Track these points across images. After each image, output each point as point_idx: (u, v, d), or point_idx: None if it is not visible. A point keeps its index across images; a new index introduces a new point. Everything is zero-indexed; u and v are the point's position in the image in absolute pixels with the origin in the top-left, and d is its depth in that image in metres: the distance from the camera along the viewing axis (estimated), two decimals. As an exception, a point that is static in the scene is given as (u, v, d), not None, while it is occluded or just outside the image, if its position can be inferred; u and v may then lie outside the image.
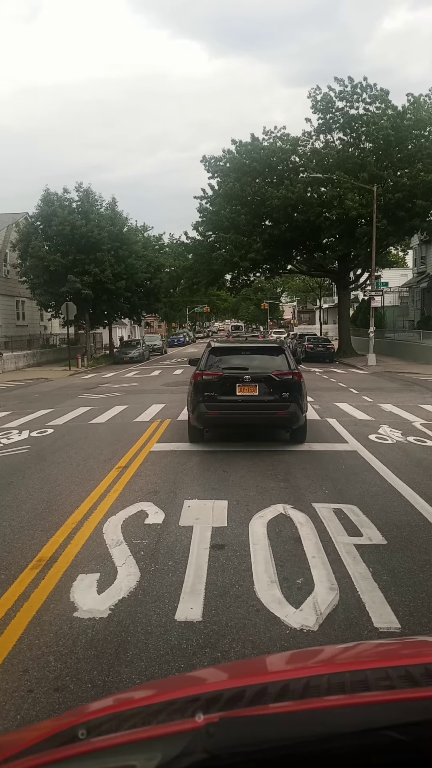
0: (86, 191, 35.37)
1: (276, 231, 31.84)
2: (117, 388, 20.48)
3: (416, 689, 1.02)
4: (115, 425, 12.26)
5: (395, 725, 0.88)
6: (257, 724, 0.91)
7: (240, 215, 32.10)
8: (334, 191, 29.40)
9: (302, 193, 30.54)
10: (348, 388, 18.77)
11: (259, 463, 8.46)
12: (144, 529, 5.74)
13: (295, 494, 6.81)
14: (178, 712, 1.02)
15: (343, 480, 7.49)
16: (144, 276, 37.89)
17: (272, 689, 1.08)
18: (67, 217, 33.34)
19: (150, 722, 1.01)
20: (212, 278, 36.51)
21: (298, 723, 0.93)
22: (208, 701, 1.05)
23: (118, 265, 34.58)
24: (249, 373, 9.39)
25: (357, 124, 31.21)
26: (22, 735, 1.25)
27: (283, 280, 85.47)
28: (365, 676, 1.10)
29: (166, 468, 8.25)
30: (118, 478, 7.65)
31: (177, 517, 6.04)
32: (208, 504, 6.46)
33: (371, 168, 28.94)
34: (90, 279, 33.13)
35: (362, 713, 0.91)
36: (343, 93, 31.45)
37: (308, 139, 32.79)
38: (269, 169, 32.32)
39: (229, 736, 0.89)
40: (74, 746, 0.97)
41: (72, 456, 9.26)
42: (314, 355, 32.66)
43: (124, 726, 1.01)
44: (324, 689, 1.07)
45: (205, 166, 34.97)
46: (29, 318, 41.39)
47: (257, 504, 6.45)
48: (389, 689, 1.05)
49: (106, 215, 35.50)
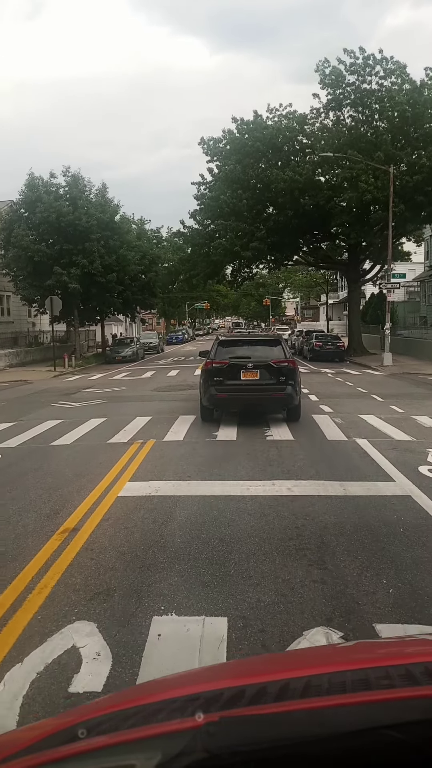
0: (74, 176, 32.55)
1: (281, 217, 28.95)
2: (100, 393, 17.70)
3: (416, 688, 1.01)
4: (83, 449, 9.49)
5: (396, 724, 0.87)
6: (257, 723, 0.91)
7: (241, 200, 29.23)
8: (346, 172, 26.54)
9: (311, 175, 27.70)
10: (369, 393, 16.00)
11: (276, 521, 5.70)
12: (71, 699, 2.99)
13: (342, 602, 4.03)
14: (178, 711, 1.01)
15: (409, 561, 4.71)
16: (137, 268, 35.05)
17: (272, 688, 1.06)
18: (53, 204, 30.56)
19: (150, 721, 1.01)
20: (211, 270, 33.59)
21: (298, 722, 0.92)
22: (208, 700, 1.04)
23: (108, 256, 31.77)
24: (251, 361, 11.01)
25: (370, 100, 28.32)
26: (21, 734, 1.26)
27: (285, 276, 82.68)
28: (365, 675, 1.08)
29: (135, 532, 5.48)
30: (52, 561, 4.86)
31: (135, 666, 3.28)
32: (194, 628, 3.69)
33: (387, 147, 26.08)
34: (78, 271, 30.35)
35: (362, 713, 0.91)
36: (355, 66, 28.56)
37: (316, 117, 29.89)
38: (274, 150, 29.43)
39: (229, 735, 0.89)
40: (74, 745, 0.97)
41: (1, 506, 6.49)
42: (323, 354, 29.86)
43: (123, 725, 1.01)
44: (324, 688, 1.06)
45: (203, 149, 32.06)
46: (15, 314, 38.61)
47: (280, 623, 3.70)
48: (389, 688, 1.03)
49: (96, 202, 32.68)
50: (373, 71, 28.46)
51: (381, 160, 25.79)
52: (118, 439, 10.14)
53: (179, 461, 8.31)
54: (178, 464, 8.13)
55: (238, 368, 10.89)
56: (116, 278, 32.57)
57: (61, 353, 31.38)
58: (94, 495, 6.71)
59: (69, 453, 9.19)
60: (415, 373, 22.56)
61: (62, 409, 14.39)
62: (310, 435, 10.22)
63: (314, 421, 11.58)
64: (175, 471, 7.75)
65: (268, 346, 11.79)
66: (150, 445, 9.50)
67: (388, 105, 27.22)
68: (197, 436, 10.21)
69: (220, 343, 11.66)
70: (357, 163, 26.07)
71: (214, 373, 10.98)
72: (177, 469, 7.87)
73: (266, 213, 30.40)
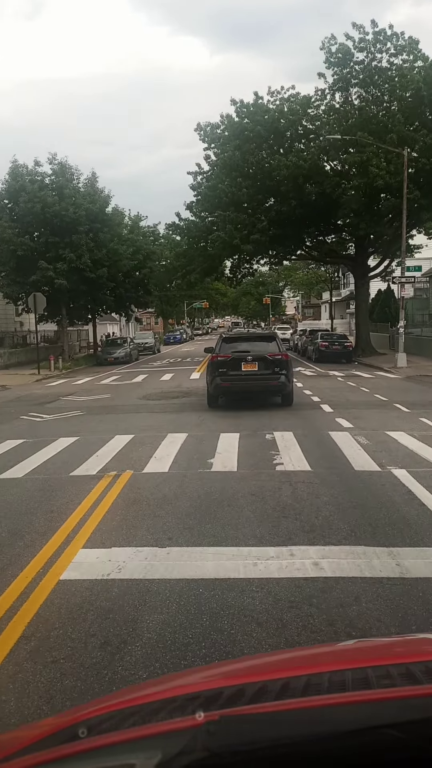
0: (61, 164, 30.30)
1: (284, 207, 26.65)
2: (80, 402, 15.46)
3: (417, 687, 1.01)
4: (35, 487, 7.24)
5: (396, 723, 0.87)
6: (257, 722, 0.91)
7: (241, 189, 26.94)
8: (355, 157, 24.27)
9: (316, 160, 25.45)
10: (391, 402, 13.78)
11: (302, 634, 3.49)
12: None
13: None
14: (178, 710, 1.02)
15: None
16: (130, 264, 32.78)
17: (272, 687, 1.07)
18: (38, 193, 28.33)
19: (150, 720, 1.01)
20: (209, 266, 31.26)
21: (299, 721, 0.92)
22: (208, 699, 1.05)
23: (98, 250, 29.55)
24: (250, 355, 12.68)
25: (381, 79, 26.06)
26: (22, 733, 1.25)
27: (285, 274, 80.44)
28: (365, 674, 1.08)
29: (68, 674, 3.25)
30: None
31: None
32: None
33: (400, 128, 23.83)
34: (65, 266, 28.15)
35: (363, 711, 0.91)
36: (364, 42, 26.31)
37: (321, 99, 27.58)
38: (276, 135, 27.13)
39: (229, 734, 0.89)
40: (74, 744, 0.96)
41: None
42: (329, 354, 27.59)
43: (124, 724, 1.01)
44: (324, 687, 1.06)
45: (199, 135, 29.74)
46: (1, 312, 36.33)
47: None
48: (390, 687, 1.03)
49: (85, 192, 30.43)
50: (384, 48, 26.23)
51: (394, 142, 23.55)
52: (85, 470, 7.91)
53: (159, 508, 6.09)
54: (157, 514, 5.90)
55: (239, 361, 12.58)
56: (107, 274, 30.34)
57: (47, 355, 29.13)
58: (24, 577, 4.48)
59: (15, 492, 6.95)
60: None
61: (30, 424, 12.16)
62: (330, 462, 8.01)
63: (333, 441, 9.37)
64: (151, 527, 5.52)
65: (264, 341, 13.83)
66: (125, 480, 7.27)
67: (400, 84, 24.95)
68: (187, 465, 8.00)
69: (223, 340, 13.59)
70: (367, 146, 23.82)
71: (219, 365, 12.70)
72: (155, 523, 5.64)
73: (268, 203, 28.13)
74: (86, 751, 0.93)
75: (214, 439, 9.70)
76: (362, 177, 24.29)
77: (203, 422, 11.62)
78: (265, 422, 11.41)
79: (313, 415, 12.10)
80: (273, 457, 8.36)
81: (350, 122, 25.25)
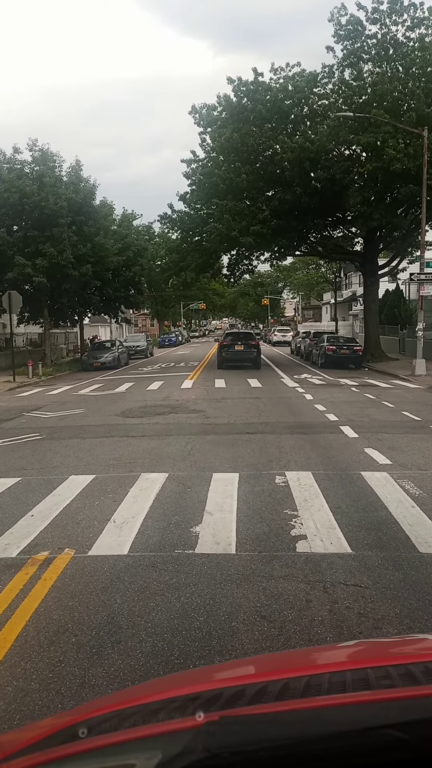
0: (42, 151, 27.57)
1: (288, 196, 23.94)
2: (44, 421, 12.71)
3: (417, 687, 1.01)
4: None
5: (396, 724, 0.86)
6: (257, 722, 0.90)
7: (240, 175, 24.24)
8: (369, 137, 21.58)
9: (324, 142, 22.73)
10: (427, 423, 11.08)
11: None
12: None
13: None
14: (178, 711, 1.01)
15: None
16: (118, 260, 30.04)
17: (273, 688, 1.06)
18: (15, 182, 25.63)
19: (150, 720, 1.01)
20: (204, 261, 28.52)
21: (299, 722, 0.92)
22: (209, 700, 1.04)
23: (82, 244, 26.83)
24: (239, 342, 25.71)
25: (396, 54, 23.41)
26: (22, 733, 1.24)
27: (284, 274, 77.79)
28: (366, 674, 1.07)
29: None
30: None
31: None
32: None
33: (420, 105, 21.17)
34: (45, 262, 25.43)
35: (363, 712, 0.90)
36: (377, 13, 23.69)
37: (329, 77, 24.88)
38: (279, 116, 24.48)
39: (229, 734, 0.88)
40: (74, 744, 0.96)
41: None
42: (336, 359, 24.92)
43: (124, 724, 1.01)
44: (324, 688, 1.05)
45: (194, 118, 27.08)
46: (-22, 314, 33.49)
47: None
48: (390, 687, 1.02)
49: (68, 181, 27.69)
50: (400, 20, 23.60)
51: (412, 121, 20.89)
52: (2, 546, 5.17)
53: (97, 653, 3.35)
54: (90, 671, 3.16)
55: (233, 343, 25.48)
56: (92, 271, 27.62)
57: (26, 359, 26.40)
58: None
59: None
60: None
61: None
62: (377, 534, 5.28)
63: (371, 489, 6.64)
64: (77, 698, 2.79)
65: (248, 335, 27.44)
66: (56, 572, 4.54)
67: (422, 59, 22.31)
68: (159, 539, 5.25)
69: (226, 335, 27.79)
70: (382, 126, 21.15)
71: (223, 347, 25.64)
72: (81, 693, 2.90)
73: (270, 191, 25.43)
74: (86, 751, 0.94)
75: (203, 484, 6.98)
76: (376, 160, 21.61)
77: (191, 452, 8.90)
78: (272, 452, 8.71)
79: (334, 443, 9.40)
80: (289, 520, 5.64)
81: (363, 99, 22.57)
